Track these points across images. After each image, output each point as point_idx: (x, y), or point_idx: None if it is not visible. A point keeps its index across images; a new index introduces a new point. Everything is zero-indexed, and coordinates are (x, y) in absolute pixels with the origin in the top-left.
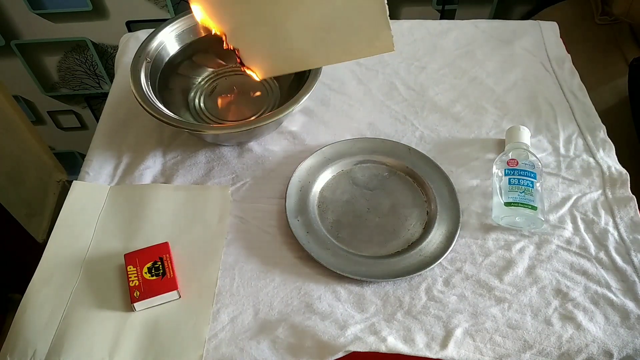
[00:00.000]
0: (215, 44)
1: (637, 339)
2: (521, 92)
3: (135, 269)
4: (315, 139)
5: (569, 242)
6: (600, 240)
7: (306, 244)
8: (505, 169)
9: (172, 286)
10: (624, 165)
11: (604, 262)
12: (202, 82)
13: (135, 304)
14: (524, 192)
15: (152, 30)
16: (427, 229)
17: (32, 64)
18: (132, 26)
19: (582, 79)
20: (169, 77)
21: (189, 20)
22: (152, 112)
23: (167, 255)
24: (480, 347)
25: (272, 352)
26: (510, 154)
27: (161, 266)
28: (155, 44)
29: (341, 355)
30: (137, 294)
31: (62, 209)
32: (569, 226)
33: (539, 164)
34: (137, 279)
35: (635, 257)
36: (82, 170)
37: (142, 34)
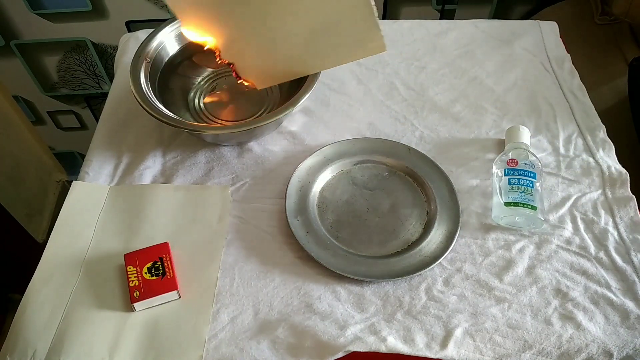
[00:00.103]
0: None
1: (637, 339)
2: (521, 92)
3: (135, 269)
4: (315, 139)
5: (568, 242)
6: (600, 240)
7: (306, 244)
8: (505, 169)
9: (172, 286)
10: (623, 165)
11: (603, 262)
12: (202, 82)
13: (135, 304)
14: (523, 192)
15: (152, 30)
16: (427, 229)
17: (31, 64)
18: (132, 26)
19: (581, 79)
20: (169, 77)
21: None
22: (151, 112)
23: (167, 255)
24: (480, 347)
25: (272, 352)
26: (510, 154)
27: (161, 266)
28: (155, 44)
29: (341, 355)
30: (137, 294)
31: (62, 209)
32: (569, 226)
33: (539, 164)
34: (137, 279)
35: (635, 257)
36: (82, 170)
37: (142, 34)
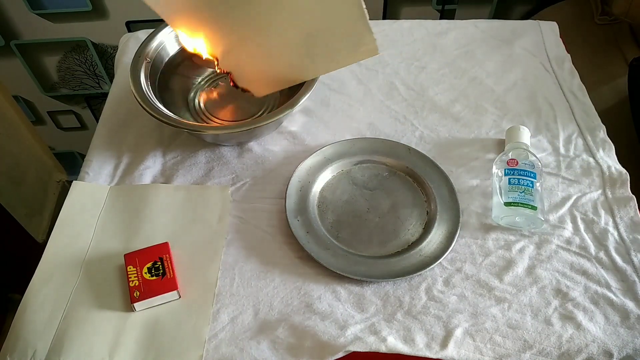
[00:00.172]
0: None
1: (637, 339)
2: (521, 92)
3: (135, 269)
4: (315, 139)
5: (568, 242)
6: (600, 240)
7: (306, 244)
8: (505, 169)
9: (172, 286)
10: (623, 165)
11: (604, 262)
12: (202, 82)
13: (135, 304)
14: (523, 192)
15: (152, 30)
16: (427, 229)
17: (31, 64)
18: (132, 26)
19: (581, 79)
20: (169, 77)
21: None
22: (152, 112)
23: (167, 255)
24: (480, 347)
25: (272, 352)
26: (510, 154)
27: (161, 266)
28: (155, 44)
29: (341, 355)
30: (137, 294)
31: (62, 209)
32: (569, 226)
33: (539, 164)
34: (137, 279)
35: (635, 257)
36: (82, 170)
37: (142, 34)
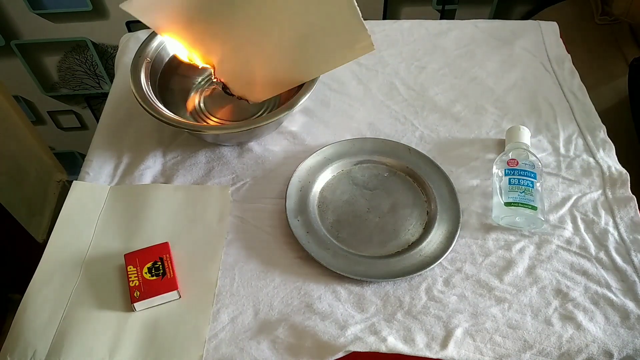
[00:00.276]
0: None
1: (637, 339)
2: (521, 92)
3: (135, 269)
4: (315, 139)
5: (569, 242)
6: (600, 240)
7: (306, 244)
8: (505, 169)
9: (172, 286)
10: (624, 165)
11: (604, 262)
12: (202, 82)
13: (135, 304)
14: (524, 192)
15: (153, 30)
16: (427, 229)
17: (32, 64)
18: (132, 26)
19: (582, 79)
20: (169, 77)
21: None
22: (152, 112)
23: (167, 255)
24: (480, 347)
25: (272, 352)
26: (510, 154)
27: (161, 266)
28: (155, 44)
29: (341, 355)
30: (137, 294)
31: (62, 209)
32: (569, 226)
33: (539, 164)
34: (137, 279)
35: (635, 257)
36: (82, 170)
37: (142, 34)
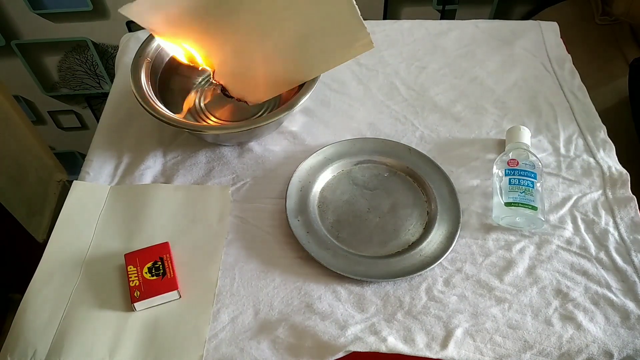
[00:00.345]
0: None
1: (638, 340)
2: (521, 92)
3: (135, 269)
4: (315, 139)
5: (569, 242)
6: (600, 240)
7: (306, 244)
8: (505, 169)
9: (172, 286)
10: (624, 165)
11: (604, 262)
12: (202, 82)
13: (135, 304)
14: (524, 192)
15: None
16: (427, 229)
17: (32, 63)
18: (133, 26)
19: (582, 79)
20: (170, 77)
21: None
22: (152, 112)
23: (168, 255)
24: (480, 347)
25: (272, 352)
26: (510, 154)
27: (161, 266)
28: (155, 44)
29: (341, 355)
30: (137, 293)
31: (63, 208)
32: (569, 226)
33: (539, 164)
34: (137, 278)
35: (635, 258)
36: (83, 170)
37: (143, 34)
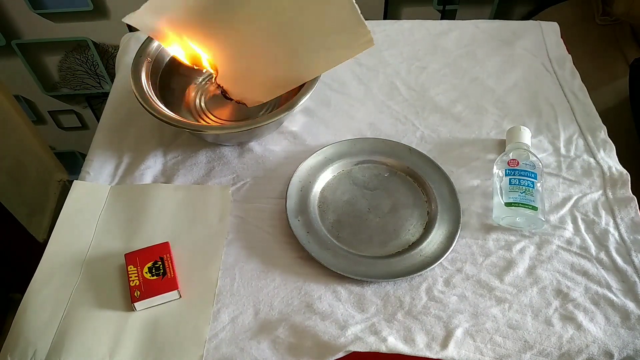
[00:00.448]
0: None
1: (638, 340)
2: (522, 92)
3: (135, 269)
4: (315, 139)
5: (569, 242)
6: (600, 240)
7: (307, 244)
8: (505, 169)
9: (172, 286)
10: (624, 165)
11: (604, 262)
12: (203, 82)
13: (135, 304)
14: (524, 192)
15: None
16: (427, 229)
17: (32, 63)
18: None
19: (582, 80)
20: (170, 77)
21: None
22: (153, 112)
23: (168, 255)
24: (480, 348)
25: (273, 352)
26: (510, 154)
27: (162, 266)
28: (156, 43)
29: (341, 355)
30: (137, 293)
31: (63, 208)
32: (570, 226)
33: (540, 164)
34: (137, 278)
35: (635, 258)
36: (83, 170)
37: (143, 34)
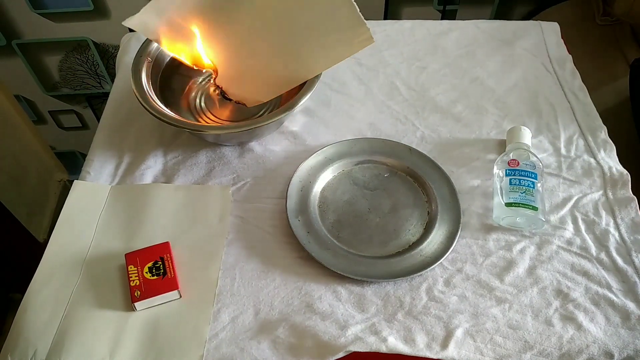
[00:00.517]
0: None
1: (638, 340)
2: (522, 92)
3: (136, 269)
4: (316, 139)
5: (569, 242)
6: (601, 240)
7: (307, 244)
8: (506, 170)
9: (172, 286)
10: (624, 165)
11: (604, 262)
12: (203, 82)
13: (135, 304)
14: (524, 192)
15: None
16: (427, 230)
17: (33, 63)
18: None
19: (583, 80)
20: (170, 77)
21: None
22: (153, 112)
23: (168, 255)
24: (480, 348)
25: (273, 352)
26: (511, 155)
27: (162, 266)
28: (156, 43)
29: (342, 355)
30: (137, 293)
31: (63, 208)
32: (570, 227)
33: (540, 165)
34: (137, 278)
35: (636, 258)
36: (83, 169)
37: None
